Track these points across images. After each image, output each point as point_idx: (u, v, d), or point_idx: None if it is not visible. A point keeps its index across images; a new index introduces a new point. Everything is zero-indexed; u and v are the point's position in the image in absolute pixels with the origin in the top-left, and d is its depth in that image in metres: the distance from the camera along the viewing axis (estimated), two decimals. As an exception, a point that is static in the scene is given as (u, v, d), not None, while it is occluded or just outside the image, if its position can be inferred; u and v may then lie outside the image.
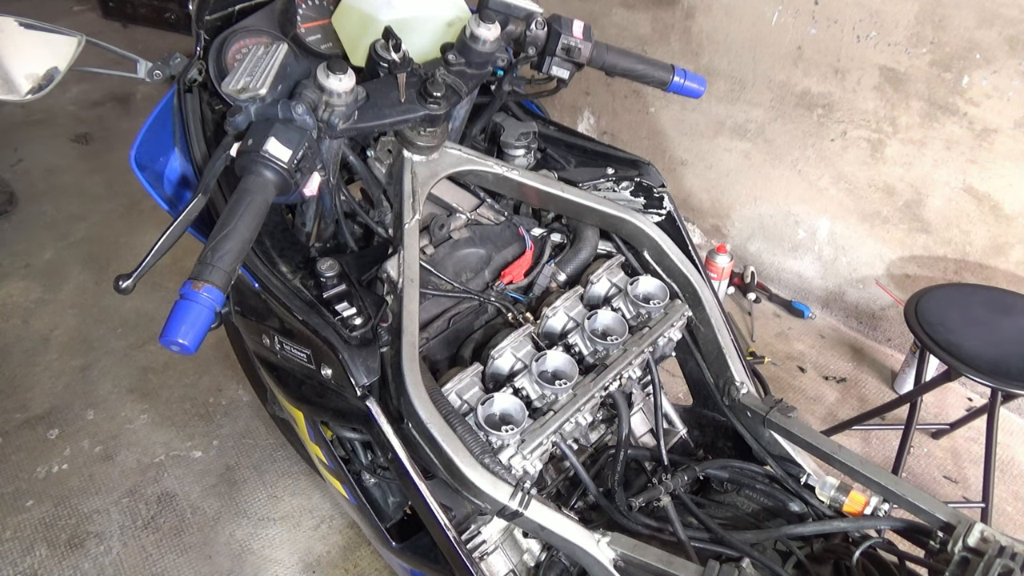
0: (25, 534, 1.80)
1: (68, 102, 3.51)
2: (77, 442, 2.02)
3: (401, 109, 0.94)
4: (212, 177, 0.84)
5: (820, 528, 0.99)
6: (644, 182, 1.22)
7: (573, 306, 1.10)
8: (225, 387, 2.19)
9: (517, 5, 1.06)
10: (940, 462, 2.04)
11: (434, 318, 1.07)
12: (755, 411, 1.08)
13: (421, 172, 1.00)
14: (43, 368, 2.24)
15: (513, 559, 1.09)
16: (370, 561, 1.77)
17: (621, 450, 1.04)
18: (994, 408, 1.68)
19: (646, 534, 1.02)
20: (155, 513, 1.86)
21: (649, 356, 1.06)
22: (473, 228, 1.13)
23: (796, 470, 1.07)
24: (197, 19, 1.09)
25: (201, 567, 1.75)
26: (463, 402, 0.97)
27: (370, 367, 0.91)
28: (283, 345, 1.00)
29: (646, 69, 1.17)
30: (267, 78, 0.83)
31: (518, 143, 1.20)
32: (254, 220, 0.76)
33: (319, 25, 1.17)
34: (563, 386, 0.96)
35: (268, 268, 0.96)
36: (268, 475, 1.95)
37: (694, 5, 2.35)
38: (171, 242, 0.83)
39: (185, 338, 0.68)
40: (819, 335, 2.45)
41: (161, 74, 1.05)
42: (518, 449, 0.90)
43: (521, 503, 0.86)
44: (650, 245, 1.16)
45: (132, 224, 2.77)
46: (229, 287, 0.72)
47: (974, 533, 0.82)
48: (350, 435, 1.18)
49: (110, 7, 4.13)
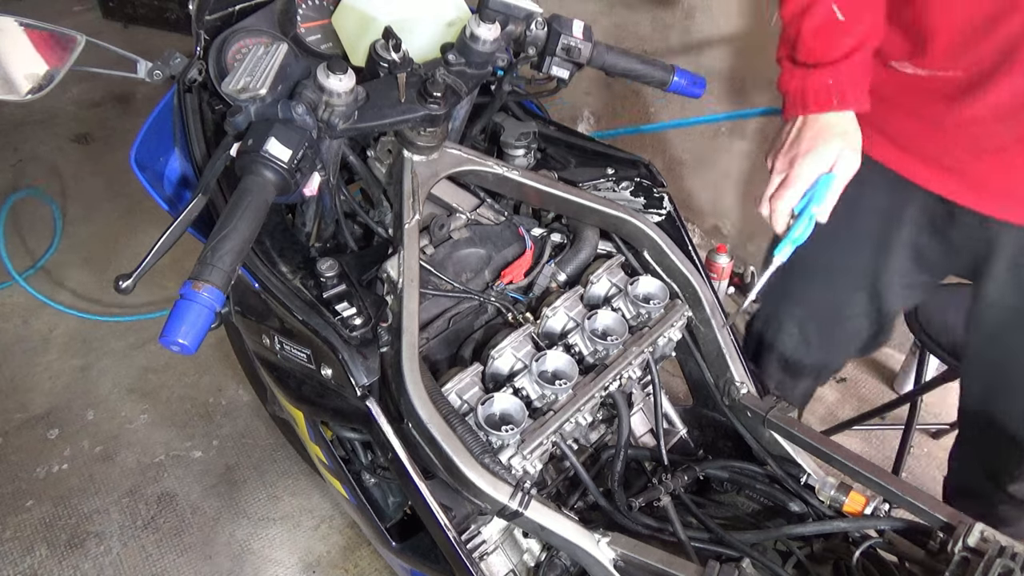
0: (25, 534, 1.80)
1: (68, 102, 3.51)
2: (77, 442, 2.02)
3: (401, 109, 0.94)
4: (212, 177, 0.84)
5: (820, 528, 0.99)
6: (644, 182, 1.23)
7: (573, 306, 1.10)
8: (225, 387, 2.19)
9: (517, 5, 1.06)
10: (940, 462, 2.04)
11: (434, 318, 1.07)
12: (755, 411, 1.08)
13: (421, 172, 1.00)
14: (43, 368, 2.24)
15: (513, 559, 1.09)
16: (370, 561, 1.77)
17: (621, 450, 1.04)
18: (994, 408, 1.68)
19: (646, 534, 1.02)
20: (155, 513, 1.86)
21: (649, 356, 1.06)
22: (473, 228, 1.13)
23: (796, 470, 1.07)
24: (197, 19, 1.09)
25: (201, 567, 1.75)
26: (463, 402, 0.97)
27: (370, 367, 0.91)
28: (283, 345, 1.00)
29: (646, 69, 1.17)
30: (267, 78, 0.83)
31: (518, 143, 1.20)
32: (254, 220, 0.76)
33: (319, 25, 1.17)
34: (563, 386, 0.96)
35: (268, 268, 0.96)
36: (268, 475, 1.96)
37: (694, 5, 2.35)
38: (171, 242, 0.83)
39: (185, 338, 0.68)
40: (819, 335, 2.45)
41: (161, 74, 1.05)
42: (518, 449, 0.90)
43: (521, 503, 0.86)
44: (650, 245, 1.16)
45: (132, 224, 2.77)
46: (229, 287, 0.72)
47: (974, 533, 0.82)
48: (350, 435, 1.18)
49: (110, 7, 4.12)
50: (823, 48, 1.01)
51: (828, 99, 1.02)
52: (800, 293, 1.37)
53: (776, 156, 1.07)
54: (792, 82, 1.06)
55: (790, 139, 1.05)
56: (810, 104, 1.03)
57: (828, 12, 0.99)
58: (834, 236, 1.15)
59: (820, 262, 1.29)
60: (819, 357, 1.45)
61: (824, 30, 1.00)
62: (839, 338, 1.41)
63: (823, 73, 1.02)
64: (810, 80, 1.03)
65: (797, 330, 1.40)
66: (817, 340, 1.40)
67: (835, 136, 1.02)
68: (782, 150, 1.06)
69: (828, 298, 1.35)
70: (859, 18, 1.00)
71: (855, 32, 1.01)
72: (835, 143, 1.02)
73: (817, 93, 1.02)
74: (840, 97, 1.02)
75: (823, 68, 1.02)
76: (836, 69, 1.01)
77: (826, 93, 1.02)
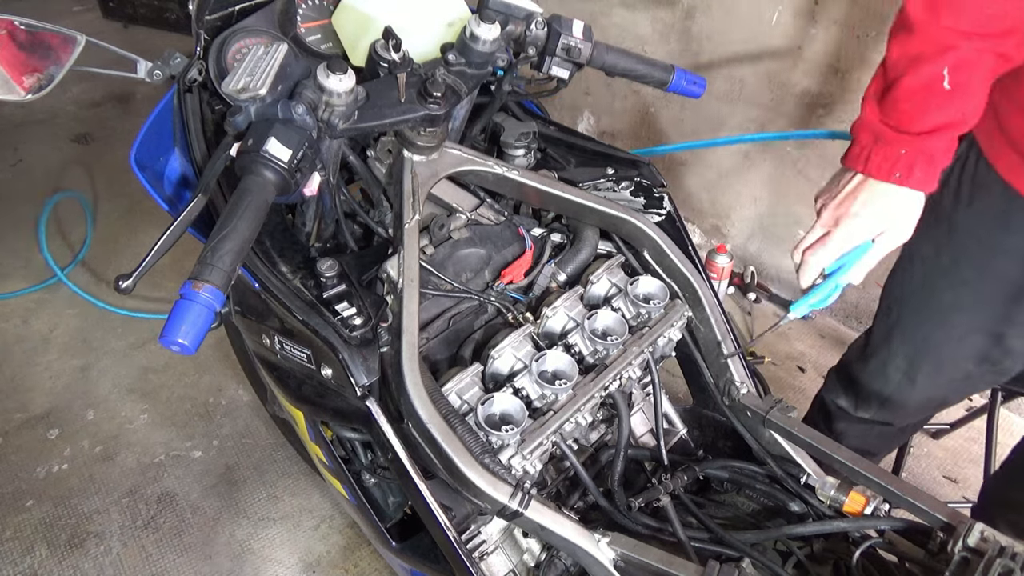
0: (25, 534, 1.80)
1: (68, 102, 3.51)
2: (77, 442, 2.02)
3: (401, 109, 0.94)
4: (212, 177, 0.84)
5: (820, 528, 0.99)
6: (644, 182, 1.23)
7: (573, 306, 1.10)
8: (225, 387, 2.19)
9: (517, 5, 1.06)
10: (940, 462, 2.04)
11: (434, 318, 1.07)
12: (755, 411, 1.08)
13: (421, 172, 1.00)
14: (43, 368, 2.24)
15: (513, 559, 1.09)
16: (370, 561, 1.77)
17: (621, 450, 1.04)
18: (994, 408, 1.68)
19: (646, 534, 1.02)
20: (155, 513, 1.86)
21: (649, 356, 1.06)
22: (473, 228, 1.14)
23: (796, 470, 1.07)
24: (197, 19, 1.09)
25: (201, 567, 1.75)
26: (463, 402, 0.97)
27: (370, 367, 0.91)
28: (283, 345, 1.00)
29: (646, 69, 1.17)
30: (267, 78, 0.83)
31: (518, 143, 1.20)
32: (254, 220, 0.76)
33: (319, 25, 1.17)
34: (563, 386, 0.96)
35: (268, 268, 0.96)
36: (268, 475, 1.96)
37: (694, 5, 2.35)
38: (171, 242, 0.83)
39: (185, 338, 0.68)
40: (819, 335, 2.45)
41: (161, 74, 1.05)
42: (518, 449, 0.91)
43: (521, 503, 0.86)
44: (650, 245, 1.16)
45: (132, 224, 2.77)
46: (229, 287, 0.72)
47: (974, 533, 0.82)
48: (350, 435, 1.18)
49: (110, 7, 4.12)
50: (914, 114, 0.88)
51: (892, 170, 0.91)
52: (916, 329, 1.27)
53: (825, 205, 0.98)
54: (864, 133, 0.93)
55: (843, 193, 0.95)
56: (872, 167, 0.92)
57: (936, 75, 0.85)
58: (961, 274, 1.09)
59: (945, 300, 1.20)
60: (924, 395, 1.34)
61: (923, 94, 0.87)
62: (947, 379, 1.30)
63: (901, 141, 0.89)
64: (883, 141, 0.91)
65: (905, 366, 1.30)
66: (924, 379, 1.30)
67: (890, 210, 0.93)
68: (832, 202, 0.97)
69: (941, 336, 1.24)
70: (968, 92, 0.87)
71: (956, 108, 0.87)
72: (887, 217, 0.93)
73: (884, 159, 0.91)
74: (906, 173, 0.90)
75: (902, 136, 0.89)
76: (917, 142, 0.89)
77: (893, 162, 0.90)
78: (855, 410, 1.44)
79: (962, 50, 0.84)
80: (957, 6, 0.83)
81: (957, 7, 0.83)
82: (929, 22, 0.85)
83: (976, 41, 0.84)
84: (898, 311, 1.29)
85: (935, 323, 1.24)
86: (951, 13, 0.83)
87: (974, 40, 0.84)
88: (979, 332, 1.19)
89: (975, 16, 0.83)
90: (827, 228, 0.98)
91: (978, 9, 0.83)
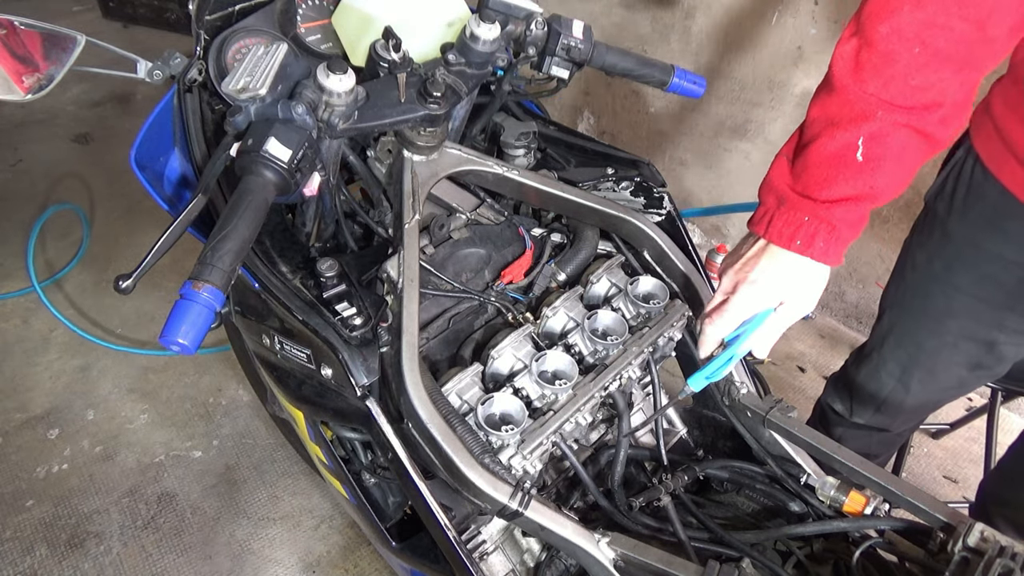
0: (25, 534, 1.80)
1: (68, 102, 3.51)
2: (77, 442, 2.03)
3: (401, 109, 0.94)
4: (212, 177, 0.84)
5: (820, 528, 0.99)
6: (644, 182, 1.23)
7: (573, 306, 1.10)
8: (225, 387, 2.19)
9: (517, 5, 1.06)
10: (940, 462, 2.04)
11: (434, 318, 1.07)
12: (755, 411, 1.08)
13: (421, 172, 1.00)
14: (43, 368, 2.24)
15: (513, 559, 1.09)
16: (370, 561, 1.77)
17: (621, 450, 1.04)
18: (994, 408, 1.68)
19: (646, 534, 1.02)
20: (155, 513, 1.86)
21: (649, 356, 1.06)
22: (473, 228, 1.14)
23: (796, 470, 1.07)
24: (197, 19, 1.09)
25: (201, 567, 1.75)
26: (463, 402, 0.97)
27: (370, 367, 0.91)
28: (283, 345, 1.00)
29: (646, 69, 1.17)
30: (267, 78, 0.83)
31: (518, 143, 1.20)
32: (254, 220, 0.76)
33: (319, 25, 1.17)
34: (563, 386, 0.96)
35: (268, 268, 0.96)
36: (268, 475, 1.96)
37: (694, 5, 2.35)
38: (171, 242, 0.83)
39: (185, 338, 0.68)
40: (819, 335, 2.45)
41: (161, 74, 1.05)
42: (518, 449, 0.90)
43: (521, 503, 0.86)
44: (650, 245, 1.16)
45: (132, 224, 2.77)
46: (229, 287, 0.72)
47: (974, 533, 0.82)
48: (350, 435, 1.18)
49: (110, 7, 4.13)
50: (822, 180, 0.82)
51: (793, 237, 0.84)
52: (909, 335, 1.26)
53: (726, 269, 0.93)
54: (770, 195, 0.87)
55: (744, 258, 0.90)
56: (772, 232, 0.85)
57: (850, 143, 0.80)
58: (954, 280, 1.08)
59: (938, 306, 1.19)
60: (918, 400, 1.33)
61: (834, 161, 0.82)
62: (940, 385, 1.30)
63: (804, 207, 0.83)
64: (787, 205, 0.85)
65: (899, 372, 1.30)
66: (918, 385, 1.29)
67: (790, 279, 0.87)
68: (732, 267, 0.91)
69: (935, 343, 1.23)
70: (880, 168, 0.81)
71: (865, 181, 0.81)
72: (786, 286, 0.87)
73: (786, 224, 0.84)
74: (806, 242, 0.83)
75: (807, 201, 0.83)
76: (821, 210, 0.83)
77: (795, 229, 0.84)
78: (851, 415, 1.45)
79: (881, 121, 0.80)
80: (883, 72, 0.78)
81: (883, 73, 0.78)
82: (852, 85, 0.80)
83: (897, 114, 0.79)
84: (891, 317, 1.29)
85: (928, 330, 1.24)
86: (876, 79, 0.79)
87: (896, 112, 0.79)
88: (972, 339, 1.19)
89: (900, 86, 0.78)
90: (726, 295, 0.92)
91: (903, 79, 0.78)
